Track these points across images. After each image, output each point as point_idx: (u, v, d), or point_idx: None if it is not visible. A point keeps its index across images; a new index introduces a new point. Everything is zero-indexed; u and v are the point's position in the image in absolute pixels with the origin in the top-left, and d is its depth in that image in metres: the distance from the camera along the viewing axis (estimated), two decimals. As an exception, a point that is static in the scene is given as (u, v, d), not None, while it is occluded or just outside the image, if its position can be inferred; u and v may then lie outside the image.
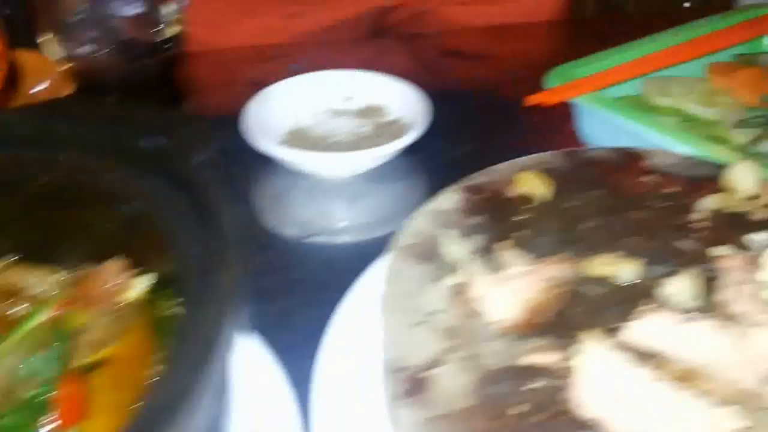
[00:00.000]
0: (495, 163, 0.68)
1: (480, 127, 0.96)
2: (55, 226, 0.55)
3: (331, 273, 0.70)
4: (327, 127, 0.90)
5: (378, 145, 0.82)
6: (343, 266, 0.67)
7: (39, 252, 0.55)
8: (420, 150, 0.85)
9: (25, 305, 0.52)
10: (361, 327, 0.56)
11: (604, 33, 1.27)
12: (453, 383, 0.46)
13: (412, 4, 1.27)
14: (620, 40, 0.97)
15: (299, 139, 0.87)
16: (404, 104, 0.90)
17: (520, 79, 0.99)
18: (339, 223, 0.80)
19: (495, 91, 1.05)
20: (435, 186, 0.74)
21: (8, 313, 0.52)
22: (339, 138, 0.88)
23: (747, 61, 1.00)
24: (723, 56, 1.00)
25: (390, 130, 0.87)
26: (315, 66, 0.95)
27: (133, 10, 0.83)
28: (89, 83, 0.85)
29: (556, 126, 0.93)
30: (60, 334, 0.48)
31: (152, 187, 0.51)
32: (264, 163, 0.82)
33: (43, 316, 0.48)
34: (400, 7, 1.27)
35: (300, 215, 0.80)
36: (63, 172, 0.53)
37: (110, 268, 0.52)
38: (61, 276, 0.55)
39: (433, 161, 0.87)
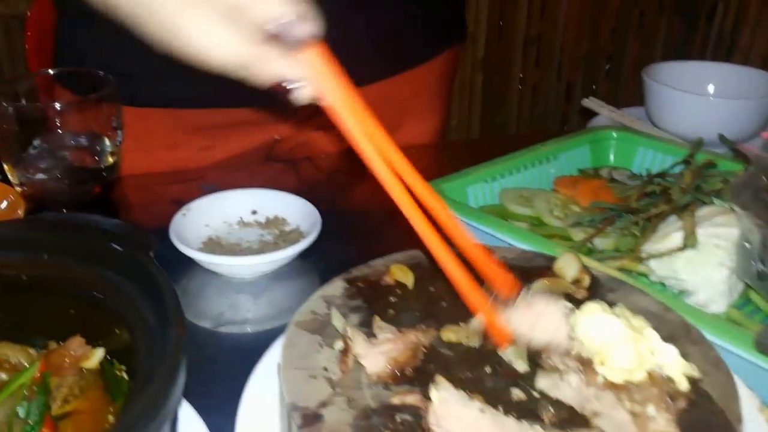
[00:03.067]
0: (375, 262, 0.81)
1: (362, 235, 1.09)
2: (29, 312, 0.67)
3: (239, 354, 0.82)
4: (237, 236, 1.02)
5: (278, 250, 0.95)
6: (249, 348, 0.80)
7: (15, 333, 0.67)
8: (314, 254, 0.98)
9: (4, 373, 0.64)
10: (270, 388, 0.68)
11: (485, 151, 1.43)
12: (338, 417, 0.58)
13: (294, 137, 1.41)
14: (481, 158, 1.11)
15: (215, 245, 0.99)
16: (300, 216, 1.03)
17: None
18: (246, 314, 0.91)
19: (375, 203, 1.18)
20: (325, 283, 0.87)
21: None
22: (247, 245, 1.00)
23: (588, 175, 1.17)
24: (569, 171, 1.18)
25: (289, 237, 1.00)
26: (224, 186, 1.07)
27: (79, 144, 0.96)
28: (40, 203, 0.96)
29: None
30: (42, 388, 0.59)
31: (109, 280, 0.63)
32: (187, 265, 0.95)
33: (30, 375, 0.59)
34: (284, 139, 1.41)
35: (213, 308, 0.91)
36: (40, 270, 0.65)
37: (73, 343, 0.64)
38: (33, 351, 0.66)
39: (324, 262, 0.99)
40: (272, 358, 0.71)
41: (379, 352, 0.63)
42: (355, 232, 1.09)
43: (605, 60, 3.81)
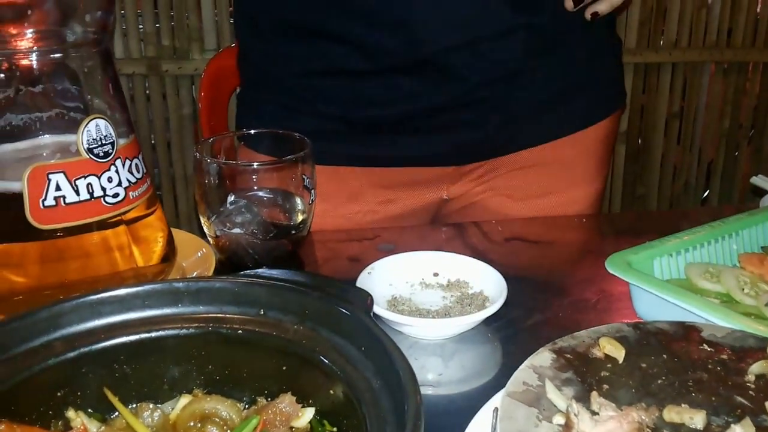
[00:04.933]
0: (561, 334, 0.75)
1: (544, 303, 1.02)
2: (241, 367, 0.63)
3: (435, 417, 0.76)
4: (419, 297, 0.98)
5: (462, 314, 0.90)
6: (443, 411, 0.75)
7: (225, 386, 0.63)
8: (495, 320, 0.92)
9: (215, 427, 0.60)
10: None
11: (631, 225, 1.38)
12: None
13: (462, 198, 1.39)
14: (647, 231, 1.06)
15: (399, 305, 0.94)
16: (482, 280, 0.98)
17: (570, 261, 1.07)
18: (437, 376, 0.86)
19: (552, 272, 1.13)
20: (512, 350, 0.82)
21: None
22: (431, 306, 0.96)
23: (773, 253, 1.09)
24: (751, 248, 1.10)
25: (473, 301, 0.95)
26: (398, 246, 1.03)
27: (273, 202, 0.93)
28: (230, 257, 0.94)
29: (610, 304, 1.00)
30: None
31: (326, 338, 0.59)
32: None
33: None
34: (453, 200, 1.39)
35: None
36: (256, 325, 0.61)
37: (284, 401, 0.60)
38: (240, 405, 0.62)
39: (508, 329, 0.93)
40: (479, 426, 0.66)
41: (604, 431, 0.57)
42: (535, 299, 1.02)
43: (747, 137, 3.66)
